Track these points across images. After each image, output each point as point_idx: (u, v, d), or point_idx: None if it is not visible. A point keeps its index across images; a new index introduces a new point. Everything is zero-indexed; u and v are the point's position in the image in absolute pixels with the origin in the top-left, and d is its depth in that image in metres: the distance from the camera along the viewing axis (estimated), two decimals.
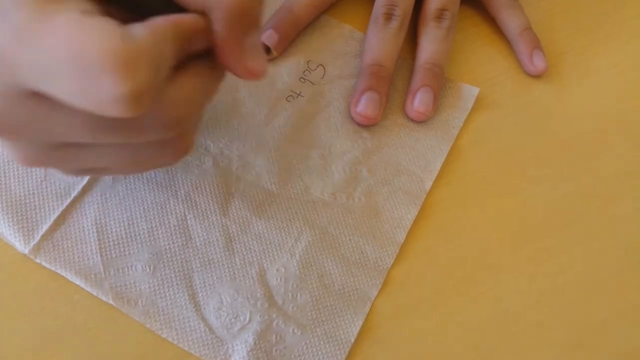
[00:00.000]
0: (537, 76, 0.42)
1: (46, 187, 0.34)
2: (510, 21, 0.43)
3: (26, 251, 0.32)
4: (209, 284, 0.32)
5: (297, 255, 0.34)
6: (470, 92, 0.40)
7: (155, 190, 0.35)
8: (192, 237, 0.34)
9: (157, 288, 0.32)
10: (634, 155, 0.40)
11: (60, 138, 0.24)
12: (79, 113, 0.22)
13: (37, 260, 0.32)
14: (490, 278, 0.35)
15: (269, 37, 0.40)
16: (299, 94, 0.39)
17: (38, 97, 0.22)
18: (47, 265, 0.32)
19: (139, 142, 0.25)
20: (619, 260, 0.36)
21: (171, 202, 0.34)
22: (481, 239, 0.36)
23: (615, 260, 0.36)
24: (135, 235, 0.33)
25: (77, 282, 0.32)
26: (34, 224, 0.33)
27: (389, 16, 0.40)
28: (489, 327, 0.34)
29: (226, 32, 0.23)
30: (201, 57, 0.24)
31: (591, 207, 0.38)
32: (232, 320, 0.32)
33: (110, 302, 0.31)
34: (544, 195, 0.38)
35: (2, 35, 0.20)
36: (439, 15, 0.41)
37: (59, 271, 0.32)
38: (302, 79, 0.40)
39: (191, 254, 0.33)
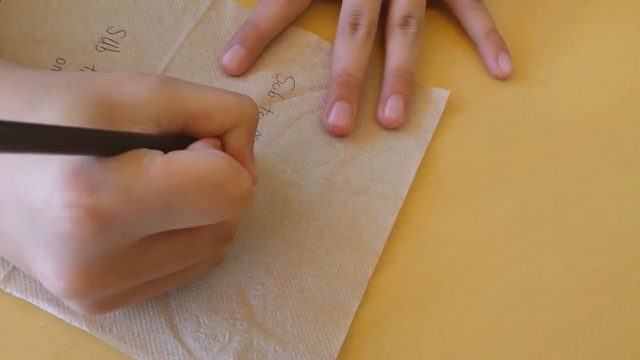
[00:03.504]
0: (503, 79, 0.42)
1: None
2: (475, 24, 0.43)
3: None
4: (186, 307, 0.32)
5: (275, 273, 0.33)
6: (440, 95, 0.40)
7: None
8: None
9: (132, 313, 0.31)
10: (603, 152, 0.40)
11: (149, 276, 0.26)
12: (179, 241, 0.26)
13: (8, 290, 0.31)
14: (466, 283, 0.35)
15: (235, 52, 0.39)
16: (268, 110, 0.39)
17: (146, 240, 0.24)
18: (18, 295, 0.31)
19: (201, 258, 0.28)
20: (592, 260, 0.36)
21: None
22: (457, 243, 0.36)
23: (588, 260, 0.36)
24: None
25: (50, 310, 0.31)
26: None
27: (355, 26, 0.40)
28: (465, 333, 0.33)
29: (246, 142, 0.29)
30: None
31: (563, 207, 0.38)
32: (211, 341, 0.31)
33: (84, 328, 0.30)
34: (517, 197, 0.38)
35: (109, 202, 0.22)
36: (405, 23, 0.41)
37: (30, 300, 0.31)
38: (271, 93, 0.39)
39: None
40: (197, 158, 0.24)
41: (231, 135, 0.28)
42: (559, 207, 0.38)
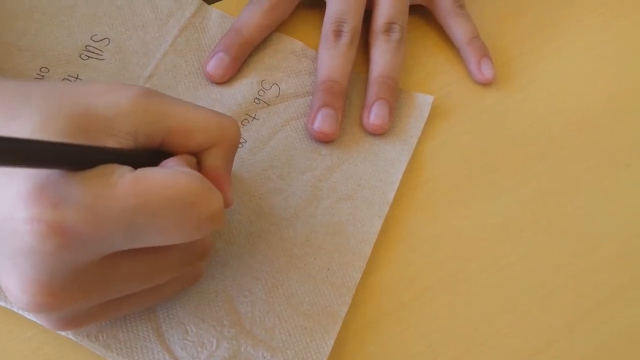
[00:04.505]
0: (486, 84, 0.43)
1: None
2: (458, 30, 0.43)
3: None
4: (173, 315, 0.31)
5: (262, 279, 0.33)
6: (425, 100, 0.41)
7: None
8: None
9: (118, 321, 0.31)
10: (587, 155, 0.41)
11: (117, 293, 0.26)
12: (147, 259, 0.25)
13: None
14: (454, 286, 0.35)
15: (219, 60, 0.39)
16: (254, 117, 0.39)
17: (112, 258, 0.24)
18: (2, 304, 0.31)
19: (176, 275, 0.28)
20: (577, 261, 0.37)
21: None
22: (444, 247, 0.36)
23: (574, 261, 0.37)
24: None
25: (35, 319, 0.30)
26: None
27: (338, 33, 0.40)
28: (454, 337, 0.34)
29: (223, 162, 0.28)
30: None
31: (548, 209, 0.38)
32: (199, 349, 0.31)
33: (70, 337, 0.30)
34: (502, 200, 0.38)
35: (72, 218, 0.21)
36: (388, 29, 0.41)
37: (15, 309, 0.30)
38: (256, 100, 0.39)
39: None
40: (167, 176, 0.23)
41: (209, 154, 0.28)
42: (544, 210, 0.38)
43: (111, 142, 0.24)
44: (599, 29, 0.47)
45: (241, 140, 0.38)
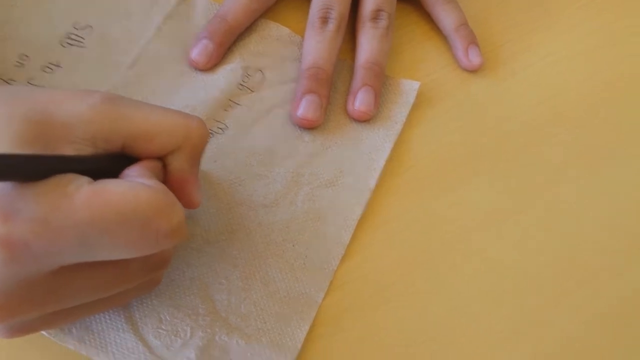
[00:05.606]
0: (473, 72, 0.42)
1: None
2: (446, 17, 0.43)
3: None
4: (146, 303, 0.31)
5: (240, 266, 0.32)
6: (411, 86, 0.40)
7: None
8: None
9: None
10: (570, 145, 0.40)
11: (70, 303, 0.25)
12: (103, 271, 0.24)
13: None
14: (433, 273, 0.35)
15: (204, 47, 0.39)
16: (237, 103, 0.38)
17: (65, 270, 0.23)
18: None
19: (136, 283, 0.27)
20: (559, 248, 0.36)
21: None
22: (424, 234, 0.36)
23: (555, 248, 0.36)
24: None
25: None
26: None
27: (325, 19, 0.40)
28: (430, 321, 0.33)
29: (189, 165, 0.27)
30: None
31: (530, 198, 0.38)
32: (173, 337, 0.30)
33: (42, 332, 0.29)
34: (485, 188, 0.38)
35: (23, 231, 0.21)
36: (376, 16, 0.41)
37: None
38: (240, 86, 0.39)
39: None
40: (126, 190, 0.23)
41: (174, 157, 0.27)
42: (527, 198, 0.38)
43: (69, 150, 0.23)
44: (587, 19, 0.46)
45: (222, 127, 0.37)
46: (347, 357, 0.31)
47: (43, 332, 0.29)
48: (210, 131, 0.37)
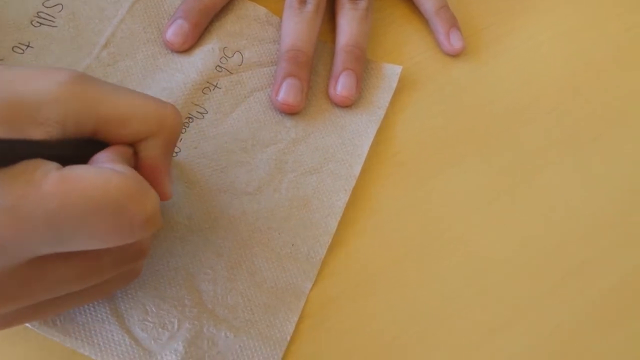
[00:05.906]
0: (455, 55, 0.42)
1: None
2: (427, 0, 0.42)
3: None
4: (131, 295, 0.30)
5: (225, 256, 0.32)
6: (393, 70, 0.40)
7: None
8: None
9: None
10: (553, 128, 0.41)
11: (46, 296, 0.24)
12: (77, 263, 0.23)
13: None
14: (420, 261, 0.35)
15: (179, 27, 0.37)
16: (215, 86, 0.37)
17: (38, 261, 0.22)
18: None
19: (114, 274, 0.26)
20: (545, 233, 0.37)
21: None
22: (410, 221, 0.36)
23: (541, 233, 0.37)
24: None
25: None
26: None
27: (303, 0, 0.39)
28: (420, 309, 0.33)
29: (162, 153, 0.26)
30: None
31: (515, 182, 0.38)
32: (160, 329, 0.30)
33: (27, 324, 0.29)
34: (469, 173, 0.38)
35: None
36: None
37: None
38: (218, 68, 0.38)
39: None
40: (97, 176, 0.21)
41: (147, 145, 0.26)
42: (512, 182, 0.38)
43: (38, 133, 0.22)
44: (568, 3, 0.46)
45: (202, 111, 0.36)
46: (335, 348, 0.31)
47: (27, 325, 0.28)
48: (189, 115, 0.36)
